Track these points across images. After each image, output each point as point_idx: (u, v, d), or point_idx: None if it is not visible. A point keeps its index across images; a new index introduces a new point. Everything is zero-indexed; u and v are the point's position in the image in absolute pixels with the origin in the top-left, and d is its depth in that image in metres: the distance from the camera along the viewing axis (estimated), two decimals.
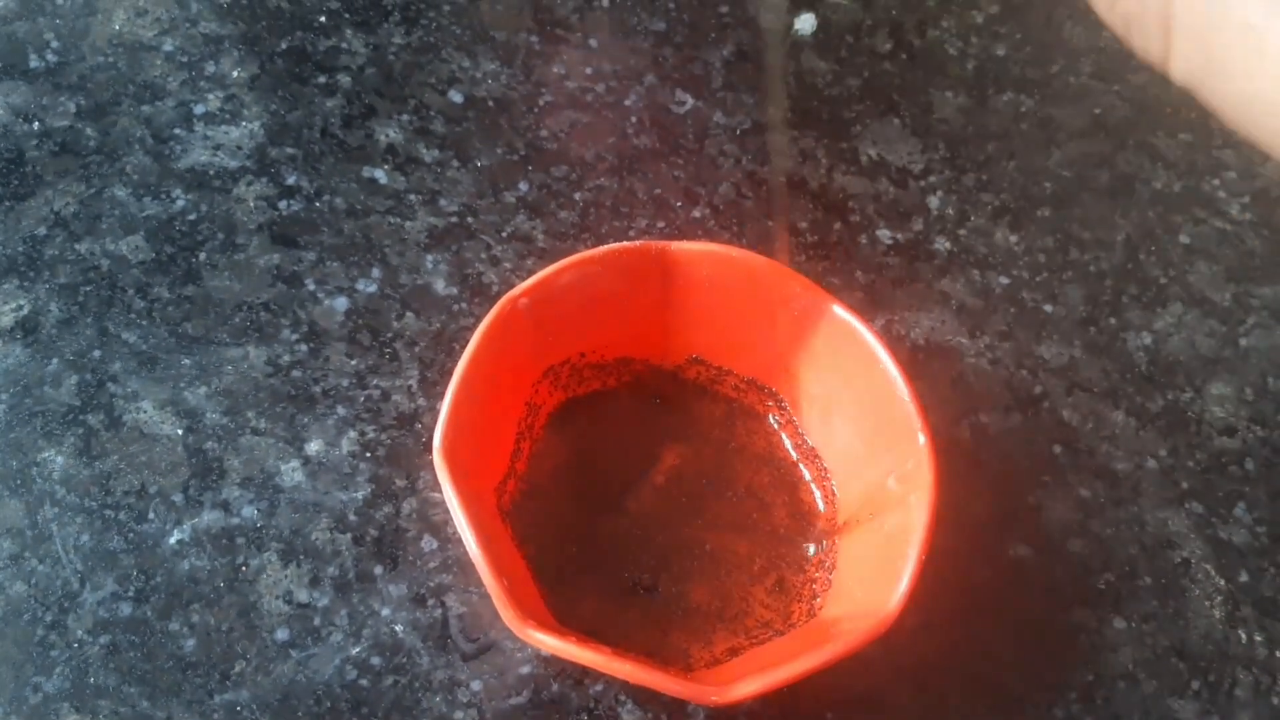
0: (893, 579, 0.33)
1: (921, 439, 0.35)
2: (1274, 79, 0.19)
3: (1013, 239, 0.48)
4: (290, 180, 0.45)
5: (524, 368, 0.38)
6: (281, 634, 0.36)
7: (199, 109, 0.46)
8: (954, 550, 0.38)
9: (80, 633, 0.35)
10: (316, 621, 0.36)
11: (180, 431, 0.39)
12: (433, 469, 0.34)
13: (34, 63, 0.46)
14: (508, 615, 0.31)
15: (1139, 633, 0.40)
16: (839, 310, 0.37)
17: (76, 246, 0.42)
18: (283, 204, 0.44)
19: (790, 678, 0.31)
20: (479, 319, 0.36)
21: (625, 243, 0.38)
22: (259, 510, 0.38)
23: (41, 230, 0.42)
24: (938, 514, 0.34)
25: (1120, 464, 0.43)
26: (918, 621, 0.35)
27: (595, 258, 0.37)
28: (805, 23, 0.53)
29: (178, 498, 0.38)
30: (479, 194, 0.45)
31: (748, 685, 0.31)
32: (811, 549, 0.39)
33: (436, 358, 0.41)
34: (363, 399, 0.40)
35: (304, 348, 0.41)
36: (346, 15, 0.49)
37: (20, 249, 0.42)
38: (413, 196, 0.45)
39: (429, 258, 0.44)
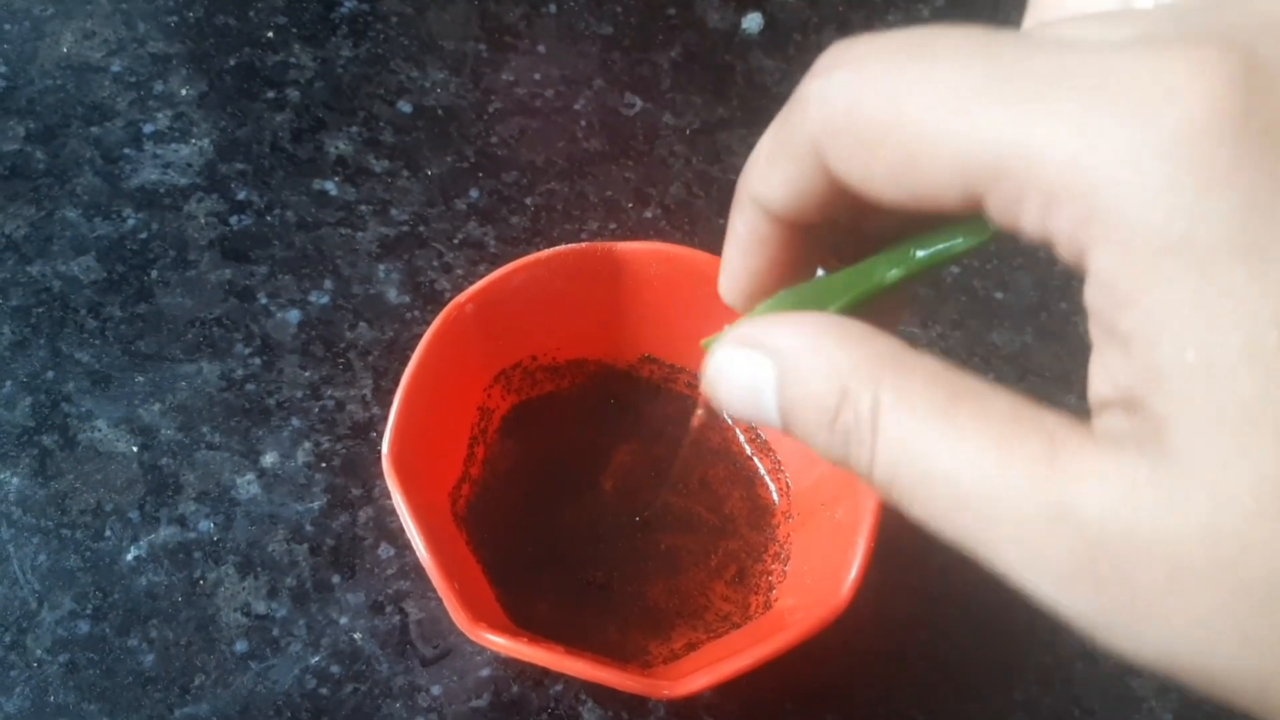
0: (843, 568, 0.33)
1: None
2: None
3: None
4: (241, 195, 0.45)
5: (474, 373, 0.38)
6: (240, 646, 0.36)
7: (148, 128, 0.46)
8: (909, 537, 0.38)
9: (39, 652, 0.35)
10: (275, 632, 0.36)
11: (135, 449, 0.39)
12: None
13: None
14: (458, 617, 0.31)
15: None
16: None
17: (28, 269, 0.42)
18: (234, 219, 0.44)
19: (740, 669, 0.31)
20: None
21: (571, 245, 0.38)
22: (215, 524, 0.38)
23: None
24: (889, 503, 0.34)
25: None
26: (875, 609, 0.35)
27: (541, 261, 0.37)
28: (752, 21, 0.53)
29: (134, 514, 0.38)
30: (430, 202, 0.46)
31: (699, 679, 0.31)
32: (767, 541, 0.39)
33: (390, 366, 0.42)
34: (317, 410, 0.40)
35: (257, 361, 0.41)
36: (294, 30, 0.50)
37: None
38: (364, 207, 0.45)
39: (381, 267, 0.44)
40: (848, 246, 0.21)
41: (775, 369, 0.18)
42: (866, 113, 0.15)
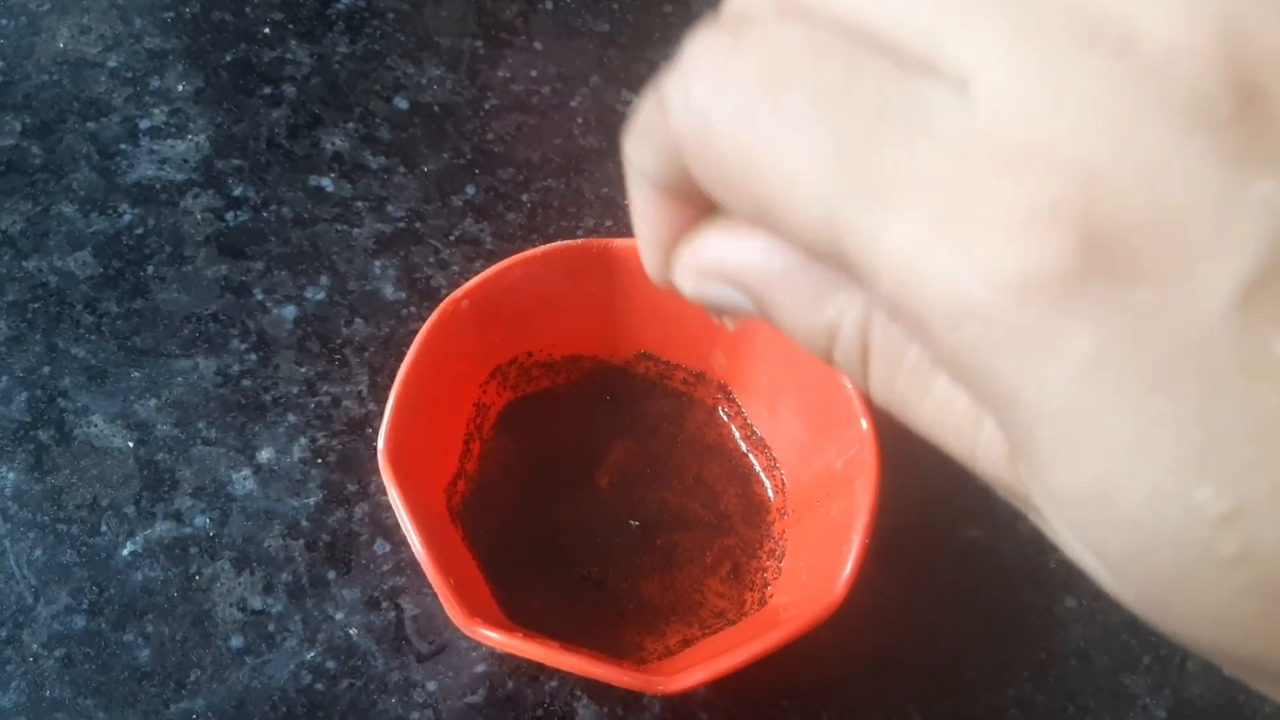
0: (838, 564, 0.33)
1: (864, 424, 0.35)
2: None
3: None
4: (237, 191, 0.45)
5: (470, 369, 0.38)
6: (236, 641, 0.36)
7: (144, 124, 0.46)
8: (904, 534, 0.39)
9: (35, 647, 0.35)
10: (271, 628, 0.36)
11: (131, 444, 0.39)
12: None
13: None
14: (454, 612, 0.31)
15: (1089, 610, 0.40)
16: None
17: (24, 264, 0.42)
18: (230, 215, 0.44)
19: (735, 665, 0.31)
20: None
21: (567, 241, 0.38)
22: (211, 519, 0.38)
23: None
24: (885, 499, 0.34)
25: None
26: (870, 606, 0.35)
27: (536, 257, 0.37)
28: None
29: (130, 510, 0.38)
30: (426, 199, 0.46)
31: (694, 675, 0.31)
32: (763, 538, 0.39)
33: (386, 362, 0.42)
34: (313, 406, 0.40)
35: (253, 357, 0.41)
36: (290, 26, 0.50)
37: None
38: (360, 203, 0.45)
39: (377, 264, 0.44)
40: None
41: (754, 303, 0.16)
42: (722, 150, 0.14)
